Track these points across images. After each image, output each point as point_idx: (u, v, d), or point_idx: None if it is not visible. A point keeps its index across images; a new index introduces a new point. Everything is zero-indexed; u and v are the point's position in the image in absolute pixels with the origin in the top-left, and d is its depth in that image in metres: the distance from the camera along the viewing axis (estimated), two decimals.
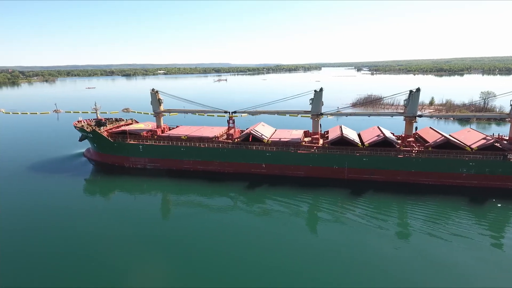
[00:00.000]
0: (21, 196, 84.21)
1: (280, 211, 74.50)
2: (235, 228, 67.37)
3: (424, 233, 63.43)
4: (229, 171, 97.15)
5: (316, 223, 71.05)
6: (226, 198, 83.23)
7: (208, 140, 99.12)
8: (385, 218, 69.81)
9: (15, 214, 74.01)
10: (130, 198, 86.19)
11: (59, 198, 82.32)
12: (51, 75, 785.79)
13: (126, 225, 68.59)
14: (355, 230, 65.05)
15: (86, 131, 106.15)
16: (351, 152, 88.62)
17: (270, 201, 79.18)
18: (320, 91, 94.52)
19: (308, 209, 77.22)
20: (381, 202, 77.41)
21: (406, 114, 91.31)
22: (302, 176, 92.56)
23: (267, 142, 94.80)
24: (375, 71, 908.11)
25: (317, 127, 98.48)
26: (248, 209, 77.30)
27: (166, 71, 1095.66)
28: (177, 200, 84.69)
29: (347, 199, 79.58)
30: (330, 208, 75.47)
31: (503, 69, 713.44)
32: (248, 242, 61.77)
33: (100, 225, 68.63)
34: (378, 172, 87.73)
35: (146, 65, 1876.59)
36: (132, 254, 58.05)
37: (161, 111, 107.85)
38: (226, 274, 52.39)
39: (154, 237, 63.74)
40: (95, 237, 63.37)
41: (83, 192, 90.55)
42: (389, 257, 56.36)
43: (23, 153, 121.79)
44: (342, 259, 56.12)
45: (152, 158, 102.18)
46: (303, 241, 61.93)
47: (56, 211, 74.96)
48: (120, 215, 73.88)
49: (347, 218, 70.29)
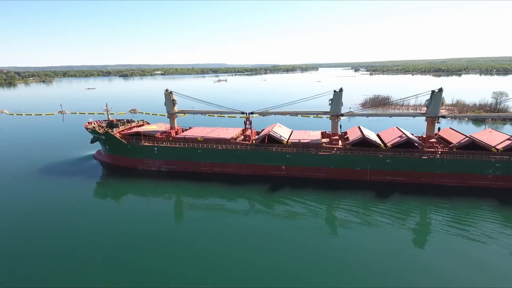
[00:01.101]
0: (34, 198, 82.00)
1: (301, 213, 72.59)
2: (255, 232, 64.99)
3: (451, 234, 62.30)
4: (248, 173, 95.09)
5: (338, 226, 68.83)
6: (245, 200, 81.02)
7: (226, 142, 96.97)
8: (409, 220, 68.83)
9: (27, 216, 72.31)
10: (143, 201, 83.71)
11: (72, 201, 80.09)
12: (47, 76, 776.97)
13: (139, 228, 66.82)
14: (378, 233, 63.39)
15: (99, 133, 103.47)
16: (374, 153, 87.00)
17: (290, 203, 77.27)
18: (340, 92, 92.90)
19: (330, 212, 75.55)
20: (405, 204, 75.86)
21: (428, 114, 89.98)
22: (323, 178, 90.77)
23: (287, 143, 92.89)
24: (373, 71, 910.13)
25: (336, 128, 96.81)
26: (268, 212, 75.11)
27: (163, 71, 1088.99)
28: (194, 203, 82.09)
29: (370, 201, 77.81)
30: (352, 210, 73.44)
31: (500, 70, 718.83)
32: (268, 246, 59.54)
33: (113, 227, 67.27)
34: (401, 174, 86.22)
35: (142, 66, 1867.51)
36: (147, 257, 56.59)
37: (175, 112, 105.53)
38: (245, 279, 50.99)
39: (169, 240, 62.26)
40: (108, 239, 62.24)
41: (95, 194, 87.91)
42: (414, 261, 54.97)
43: (32, 156, 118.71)
44: (364, 263, 54.28)
45: (167, 160, 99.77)
46: (324, 245, 60.10)
47: (70, 213, 73.32)
48: (133, 218, 71.79)
49: (370, 221, 68.45)
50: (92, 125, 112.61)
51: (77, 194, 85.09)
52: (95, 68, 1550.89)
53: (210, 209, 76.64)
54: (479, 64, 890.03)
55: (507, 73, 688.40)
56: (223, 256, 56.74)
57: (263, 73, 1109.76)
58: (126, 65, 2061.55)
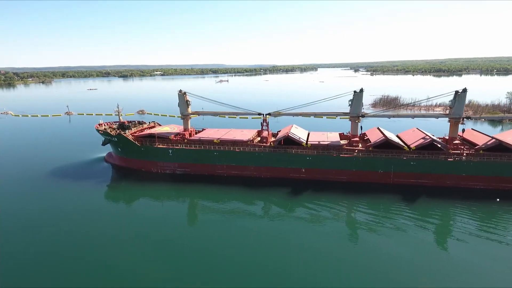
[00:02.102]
0: (44, 202, 79.83)
1: (322, 217, 70.62)
2: (274, 236, 62.96)
3: (481, 238, 60.64)
4: (266, 176, 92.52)
5: (361, 231, 66.29)
6: (264, 204, 78.88)
7: (243, 144, 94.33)
8: (436, 225, 67.35)
9: (38, 219, 70.52)
10: (157, 205, 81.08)
11: (84, 204, 78.07)
12: (46, 76, 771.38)
13: (153, 232, 64.98)
14: (402, 238, 61.57)
15: (111, 135, 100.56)
16: (397, 155, 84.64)
17: (311, 207, 75.11)
18: (361, 92, 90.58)
19: (352, 216, 73.34)
20: (431, 207, 73.79)
21: (452, 115, 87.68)
22: (344, 181, 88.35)
23: (307, 145, 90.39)
24: (373, 71, 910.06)
25: (356, 129, 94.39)
26: (288, 216, 72.97)
27: (163, 72, 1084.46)
28: (211, 207, 79.21)
29: (394, 204, 75.66)
30: (375, 214, 71.21)
31: (500, 70, 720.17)
32: (288, 251, 57.79)
33: (126, 231, 65.73)
34: (426, 177, 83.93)
35: (140, 66, 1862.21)
36: (162, 261, 54.94)
37: (189, 113, 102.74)
38: (265, 283, 49.54)
39: (185, 245, 60.61)
40: (121, 243, 60.72)
41: (107, 198, 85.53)
42: (443, 267, 52.85)
43: (41, 158, 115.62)
44: (387, 269, 52.40)
45: (182, 163, 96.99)
46: (346, 250, 58.45)
47: (82, 217, 71.57)
48: (146, 221, 69.68)
49: (394, 225, 66.31)
50: (103, 126, 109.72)
51: (89, 197, 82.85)
52: (93, 68, 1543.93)
53: (228, 213, 74.24)
54: (479, 64, 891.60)
55: (508, 73, 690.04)
56: (241, 260, 55.04)
57: (262, 73, 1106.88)
58: (125, 65, 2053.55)
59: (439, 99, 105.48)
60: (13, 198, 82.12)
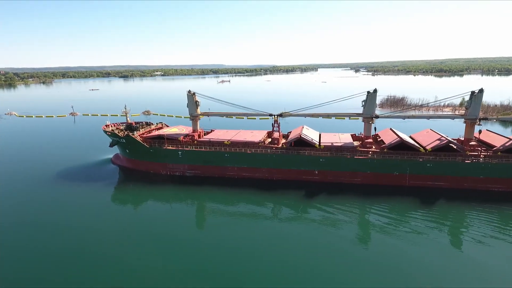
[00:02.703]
0: (51, 205, 78.09)
1: (336, 220, 69.05)
2: (288, 239, 61.70)
3: (501, 240, 59.24)
4: (278, 178, 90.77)
5: (376, 234, 64.73)
6: (277, 206, 77.37)
7: (254, 145, 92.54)
8: (454, 228, 66.19)
9: (46, 223, 69.01)
10: (166, 207, 79.46)
11: (92, 207, 76.57)
12: (46, 77, 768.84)
13: (163, 234, 63.95)
14: (419, 242, 60.06)
15: (119, 136, 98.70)
16: (413, 157, 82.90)
17: (325, 209, 73.74)
18: (374, 93, 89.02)
19: (367, 219, 71.64)
20: (448, 210, 72.42)
21: (468, 116, 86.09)
22: (358, 183, 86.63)
23: (320, 147, 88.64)
24: (375, 72, 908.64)
25: (370, 130, 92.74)
26: (301, 219, 71.74)
27: (163, 72, 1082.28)
28: (222, 209, 77.33)
29: (410, 207, 74.09)
30: (391, 217, 69.74)
31: (502, 70, 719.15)
32: (302, 254, 56.72)
33: (135, 233, 64.60)
34: (442, 179, 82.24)
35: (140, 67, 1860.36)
36: (173, 265, 53.80)
37: (198, 114, 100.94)
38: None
39: (196, 248, 59.26)
40: (130, 245, 59.94)
41: (115, 200, 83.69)
42: (461, 272, 51.64)
43: (46, 160, 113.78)
44: (403, 273, 51.23)
45: (192, 164, 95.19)
46: (361, 254, 57.14)
47: (90, 219, 70.34)
48: (156, 224, 68.36)
49: (411, 228, 64.90)
50: (110, 128, 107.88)
51: (97, 199, 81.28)
52: (93, 69, 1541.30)
53: (239, 215, 72.74)
54: (479, 65, 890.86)
55: (509, 73, 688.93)
56: (254, 263, 54.28)
57: (263, 73, 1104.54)
58: (124, 66, 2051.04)
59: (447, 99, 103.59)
60: (20, 200, 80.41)
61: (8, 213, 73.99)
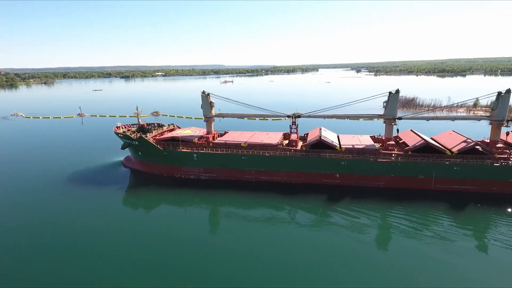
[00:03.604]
0: (63, 209, 75.24)
1: (359, 225, 66.92)
2: (308, 245, 59.93)
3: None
4: (297, 181, 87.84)
5: (401, 238, 62.45)
6: (297, 210, 75.05)
7: (272, 148, 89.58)
8: (484, 234, 63.52)
9: (56, 227, 66.71)
10: (180, 211, 76.90)
11: (104, 212, 73.98)
12: (48, 77, 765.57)
13: (177, 240, 61.62)
14: (447, 247, 57.96)
15: (131, 138, 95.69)
16: (439, 160, 79.98)
17: (347, 214, 71.37)
18: (396, 93, 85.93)
19: (391, 223, 68.70)
20: (476, 214, 70.04)
21: (494, 117, 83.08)
22: (381, 187, 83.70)
23: (341, 149, 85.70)
24: (377, 72, 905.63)
25: (391, 132, 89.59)
26: (323, 223, 69.50)
27: (164, 72, 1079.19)
28: (239, 213, 74.42)
29: (436, 211, 71.62)
30: (418, 222, 67.31)
31: (505, 70, 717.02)
32: (323, 259, 55.24)
33: (149, 237, 62.51)
34: (470, 182, 79.35)
35: (140, 67, 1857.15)
36: (185, 272, 51.98)
37: (213, 115, 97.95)
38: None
39: (212, 253, 57.22)
40: (144, 250, 57.86)
41: (128, 204, 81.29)
42: (487, 275, 50.26)
43: (55, 162, 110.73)
44: (430, 280, 49.28)
45: (208, 168, 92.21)
46: (384, 259, 55.39)
47: (104, 224, 67.96)
48: (169, 229, 66.17)
49: (438, 234, 62.66)
50: (121, 129, 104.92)
51: (110, 204, 78.77)
52: (93, 69, 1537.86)
53: (257, 220, 70.01)
54: (480, 65, 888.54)
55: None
56: (272, 269, 52.59)
57: (264, 74, 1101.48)
58: (124, 66, 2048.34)
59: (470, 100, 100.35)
60: (29, 205, 77.57)
61: (17, 217, 71.39)
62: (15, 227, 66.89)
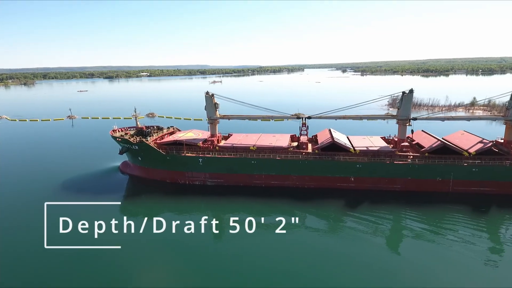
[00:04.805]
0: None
1: (377, 230, 64.91)
2: (325, 252, 57.92)
3: None
4: (310, 186, 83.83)
5: (421, 242, 60.80)
6: (311, 217, 71.58)
7: (283, 151, 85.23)
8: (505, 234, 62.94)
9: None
10: (185, 219, 68.70)
11: (105, 223, 65.03)
12: (27, 78, 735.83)
13: (181, 249, 58.94)
14: (467, 251, 56.24)
15: (131, 143, 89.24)
16: (458, 161, 77.66)
17: (363, 218, 68.77)
18: (410, 93, 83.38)
19: (410, 227, 66.64)
20: (497, 217, 68.81)
21: (509, 117, 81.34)
22: (397, 190, 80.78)
23: (356, 151, 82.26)
24: (363, 72, 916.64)
25: (405, 133, 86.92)
26: (339, 228, 67.35)
27: (149, 73, 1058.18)
28: (250, 220, 66.26)
29: (459, 214, 69.50)
30: (439, 226, 65.26)
31: (486, 70, 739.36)
32: (339, 268, 53.42)
33: (152, 248, 59.22)
34: (489, 184, 77.45)
35: (123, 67, 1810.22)
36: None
37: (217, 117, 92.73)
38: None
39: (224, 262, 55.27)
40: (150, 262, 54.86)
41: (128, 213, 73.70)
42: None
43: (45, 169, 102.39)
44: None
45: (215, 173, 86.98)
46: (403, 264, 53.96)
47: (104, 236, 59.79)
48: (174, 237, 60.23)
49: (459, 236, 61.05)
50: (118, 133, 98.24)
51: (107, 213, 70.06)
52: (73, 70, 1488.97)
53: (268, 227, 65.10)
54: (463, 65, 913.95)
55: (492, 73, 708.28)
56: (284, 279, 50.71)
57: (250, 74, 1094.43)
58: (106, 66, 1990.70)
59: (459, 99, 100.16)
60: (16, 218, 70.38)
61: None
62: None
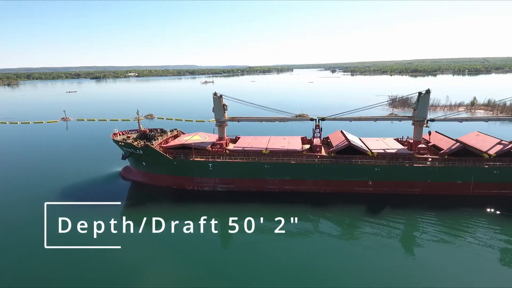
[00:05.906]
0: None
1: (398, 234, 63.55)
2: (344, 259, 56.18)
3: None
4: (326, 190, 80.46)
5: (441, 246, 58.83)
6: (328, 223, 69.37)
7: (297, 154, 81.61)
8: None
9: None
10: (195, 226, 64.58)
11: (108, 233, 59.98)
12: (10, 78, 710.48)
13: (191, 257, 56.73)
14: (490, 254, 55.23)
15: (135, 147, 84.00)
16: (479, 164, 75.66)
17: (383, 223, 66.47)
18: (427, 94, 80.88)
19: (431, 231, 64.23)
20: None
21: None
22: (417, 193, 78.27)
23: (373, 154, 79.32)
24: (352, 72, 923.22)
25: (421, 135, 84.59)
26: (357, 233, 64.74)
27: (137, 73, 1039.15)
28: (264, 227, 65.08)
29: (481, 217, 68.14)
30: (465, 230, 63.80)
31: (472, 70, 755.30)
32: (359, 275, 51.28)
33: (161, 258, 56.57)
34: (508, 186, 75.78)
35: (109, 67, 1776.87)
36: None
37: (226, 119, 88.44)
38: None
39: (238, 273, 52.97)
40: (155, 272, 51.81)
41: (134, 222, 65.68)
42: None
43: (41, 174, 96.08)
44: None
45: (225, 178, 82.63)
46: (424, 268, 52.15)
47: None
48: (180, 250, 59.14)
49: (482, 240, 59.65)
50: (119, 136, 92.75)
51: (114, 223, 64.28)
52: (57, 70, 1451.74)
53: (283, 234, 60.05)
54: (449, 65, 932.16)
55: (478, 73, 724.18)
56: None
57: (240, 74, 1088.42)
58: (92, 66, 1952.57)
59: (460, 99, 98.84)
60: (16, 218, 67.30)
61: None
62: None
